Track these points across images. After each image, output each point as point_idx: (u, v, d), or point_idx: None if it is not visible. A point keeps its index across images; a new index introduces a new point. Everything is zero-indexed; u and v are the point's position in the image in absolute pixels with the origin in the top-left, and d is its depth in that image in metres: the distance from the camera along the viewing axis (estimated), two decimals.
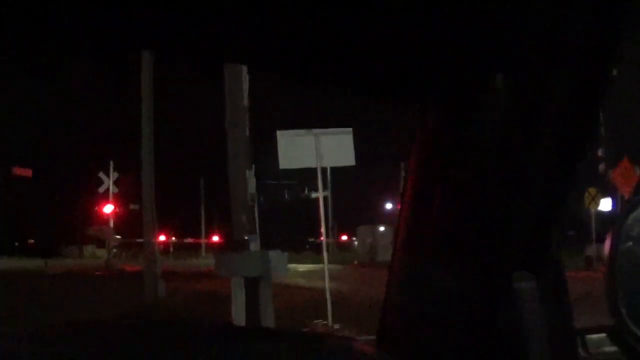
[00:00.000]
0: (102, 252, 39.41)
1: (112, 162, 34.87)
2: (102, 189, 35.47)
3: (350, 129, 10.51)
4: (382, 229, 37.11)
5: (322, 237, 10.92)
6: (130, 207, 38.20)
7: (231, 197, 8.74)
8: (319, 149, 10.16)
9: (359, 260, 35.50)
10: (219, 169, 9.08)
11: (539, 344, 0.84)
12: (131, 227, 33.36)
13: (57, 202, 50.09)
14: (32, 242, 50.80)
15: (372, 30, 0.87)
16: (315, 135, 10.26)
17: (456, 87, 0.91)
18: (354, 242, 46.72)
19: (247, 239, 8.41)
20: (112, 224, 35.84)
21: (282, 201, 60.71)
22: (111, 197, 35.40)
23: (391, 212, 46.67)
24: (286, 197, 61.28)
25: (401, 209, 1.03)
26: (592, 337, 0.98)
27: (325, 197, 15.23)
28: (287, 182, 55.99)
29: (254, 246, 8.35)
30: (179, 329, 1.22)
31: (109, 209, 36.23)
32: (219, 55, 1.22)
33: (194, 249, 55.81)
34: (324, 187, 11.59)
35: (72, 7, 0.83)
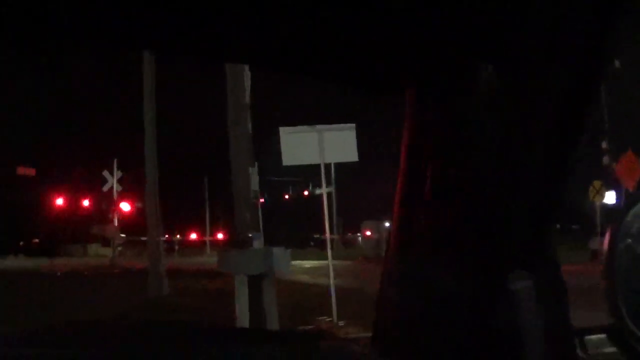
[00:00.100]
0: (107, 251, 39.40)
1: (115, 161, 34.85)
2: (106, 188, 35.42)
3: (353, 125, 10.48)
4: (387, 225, 36.94)
5: (326, 233, 10.91)
6: (135, 205, 38.25)
7: (234, 195, 8.72)
8: (321, 145, 10.15)
9: (364, 255, 35.44)
10: (223, 167, 9.06)
11: (536, 344, 0.84)
12: (136, 225, 33.40)
13: (60, 201, 50.17)
14: (37, 241, 50.86)
15: (363, 23, 0.87)
16: (318, 131, 10.24)
17: (448, 82, 0.90)
18: (359, 238, 46.66)
19: (250, 236, 8.38)
20: (116, 223, 35.83)
21: (286, 198, 60.73)
22: (115, 195, 35.36)
23: None
24: (291, 193, 61.27)
25: (394, 207, 1.02)
26: (591, 338, 0.96)
27: (329, 194, 15.22)
28: (291, 179, 56.00)
29: (258, 243, 8.32)
30: (179, 329, 1.22)
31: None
32: (219, 55, 1.22)
33: (199, 246, 55.86)
34: (329, 184, 11.58)
35: (72, 7, 0.83)
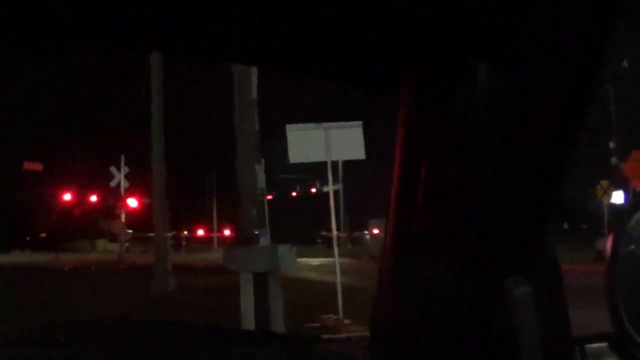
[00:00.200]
0: (115, 246, 39.55)
1: (123, 156, 34.89)
2: (113, 183, 35.47)
3: (360, 122, 10.47)
4: None
5: (332, 231, 10.90)
6: (142, 201, 38.30)
7: (240, 192, 8.72)
8: (328, 143, 10.15)
9: (370, 253, 35.48)
10: (230, 163, 9.05)
11: (534, 345, 0.83)
12: (143, 221, 33.44)
13: (68, 197, 50.33)
14: (44, 236, 51.04)
15: (363, 22, 0.87)
16: (324, 128, 10.24)
17: (448, 82, 0.90)
18: (366, 236, 46.73)
19: (256, 233, 8.38)
20: (123, 218, 35.91)
21: (293, 195, 60.79)
22: (122, 191, 35.43)
23: None
24: (298, 190, 61.32)
25: (390, 207, 1.02)
26: (591, 347, 0.94)
27: (336, 191, 15.21)
28: (298, 176, 56.05)
29: (264, 241, 8.32)
30: (179, 329, 1.22)
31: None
32: (220, 55, 1.22)
33: (206, 242, 56.02)
34: (336, 181, 11.57)
35: (74, 8, 0.83)
